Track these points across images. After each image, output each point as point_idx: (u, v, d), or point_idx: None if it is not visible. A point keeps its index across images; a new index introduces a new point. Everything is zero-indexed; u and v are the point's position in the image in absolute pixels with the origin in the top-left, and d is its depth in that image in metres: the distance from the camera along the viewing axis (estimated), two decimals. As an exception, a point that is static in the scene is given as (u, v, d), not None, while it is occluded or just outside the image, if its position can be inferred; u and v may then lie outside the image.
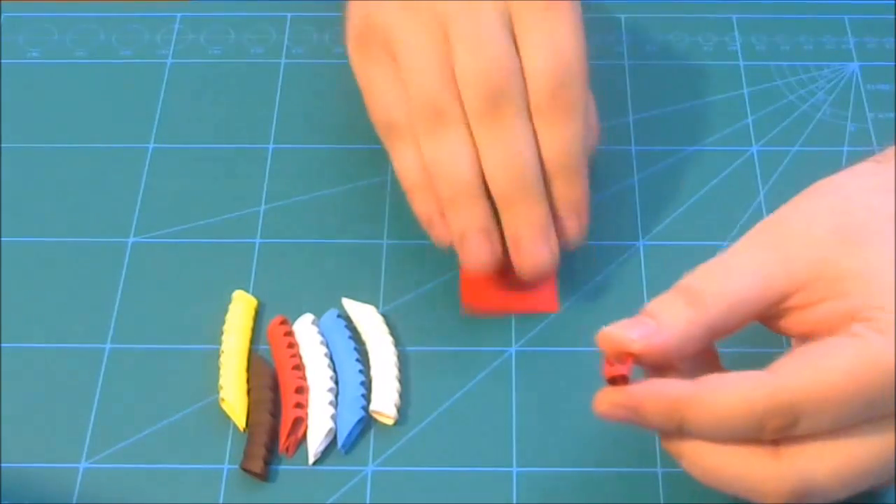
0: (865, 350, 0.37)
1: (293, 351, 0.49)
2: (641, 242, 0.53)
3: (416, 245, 0.52)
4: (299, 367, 0.48)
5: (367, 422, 0.47)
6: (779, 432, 0.38)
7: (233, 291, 0.51)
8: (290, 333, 0.49)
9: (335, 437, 0.47)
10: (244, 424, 0.47)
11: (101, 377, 0.49)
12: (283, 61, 0.60)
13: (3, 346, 0.50)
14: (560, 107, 0.46)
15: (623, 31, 0.61)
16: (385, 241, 0.53)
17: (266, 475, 0.46)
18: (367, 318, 0.50)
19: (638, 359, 0.39)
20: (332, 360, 0.49)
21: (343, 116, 0.57)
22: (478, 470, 0.46)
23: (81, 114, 0.58)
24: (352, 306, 0.50)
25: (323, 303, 0.51)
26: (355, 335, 0.50)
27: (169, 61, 0.60)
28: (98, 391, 0.48)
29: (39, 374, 0.49)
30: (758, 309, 0.40)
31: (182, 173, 0.55)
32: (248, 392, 0.48)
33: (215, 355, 0.49)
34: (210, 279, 0.52)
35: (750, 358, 0.41)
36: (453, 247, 0.48)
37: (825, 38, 0.60)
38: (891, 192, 0.41)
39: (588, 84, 0.48)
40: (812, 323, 0.39)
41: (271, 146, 0.56)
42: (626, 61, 0.59)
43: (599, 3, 0.62)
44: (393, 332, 0.50)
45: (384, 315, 0.50)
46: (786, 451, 0.38)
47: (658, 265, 0.52)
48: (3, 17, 0.62)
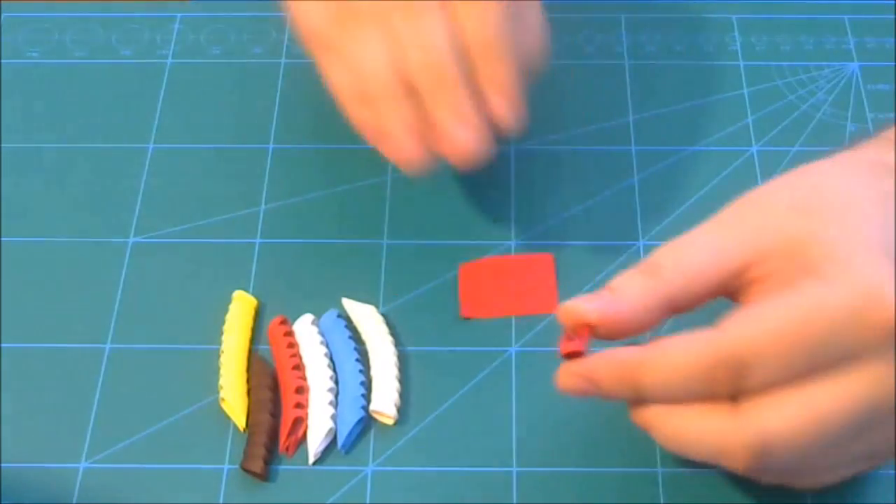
0: (806, 298, 0.38)
1: (293, 351, 0.49)
2: (641, 242, 0.53)
3: (416, 245, 0.52)
4: (299, 367, 0.48)
5: (367, 422, 0.47)
6: (730, 385, 0.38)
7: (233, 291, 0.51)
8: (290, 333, 0.49)
9: (335, 437, 0.47)
10: (244, 424, 0.47)
11: (101, 377, 0.49)
12: (283, 61, 0.60)
13: (3, 346, 0.50)
14: None
15: (623, 31, 0.61)
16: (385, 241, 0.53)
17: (266, 475, 0.46)
18: (367, 318, 0.50)
19: (595, 332, 0.40)
20: (332, 360, 0.49)
21: (342, 116, 0.57)
22: (478, 470, 0.46)
23: (81, 114, 0.58)
24: (352, 306, 0.50)
25: (323, 303, 0.51)
26: (355, 335, 0.50)
27: (169, 61, 0.60)
28: (98, 391, 0.49)
29: (39, 374, 0.49)
30: (717, 281, 0.40)
31: (182, 173, 0.55)
32: (248, 392, 0.48)
33: (215, 355, 0.49)
34: (210, 279, 0.52)
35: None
36: (403, 155, 0.47)
37: (825, 38, 0.60)
38: (859, 174, 0.41)
39: None
40: (772, 294, 0.40)
41: (271, 146, 0.56)
42: (626, 61, 0.59)
43: (599, 3, 0.62)
44: (393, 332, 0.50)
45: (384, 315, 0.50)
46: (743, 406, 0.39)
47: (658, 265, 0.52)
48: (3, 17, 0.62)
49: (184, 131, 0.57)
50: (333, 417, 0.47)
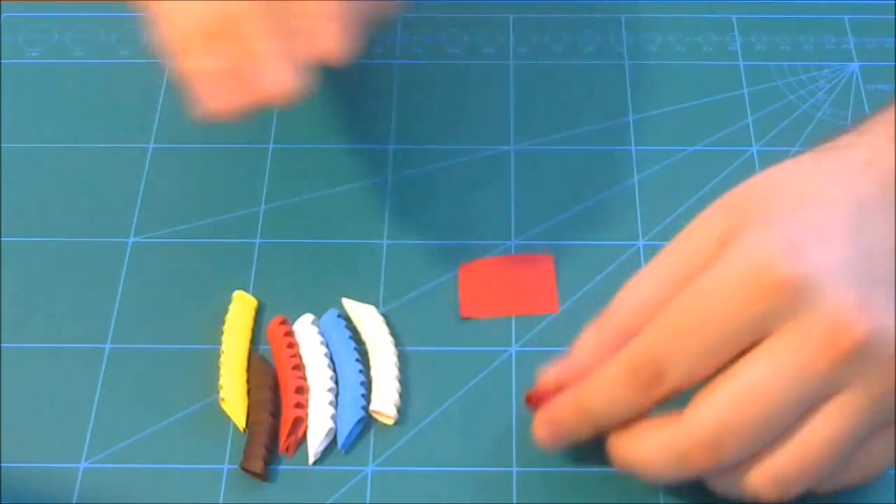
0: (695, 285, 0.39)
1: (293, 351, 0.49)
2: (641, 242, 0.53)
3: (416, 245, 0.52)
4: (299, 367, 0.48)
5: (367, 422, 0.47)
6: (656, 384, 0.39)
7: (233, 291, 0.51)
8: (290, 333, 0.49)
9: (335, 437, 0.47)
10: (244, 424, 0.47)
11: (101, 377, 0.49)
12: (283, 61, 0.60)
13: (3, 346, 0.50)
14: None
15: (623, 31, 0.61)
16: (385, 241, 0.53)
17: (266, 475, 0.46)
18: (367, 318, 0.50)
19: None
20: (332, 360, 0.49)
21: (343, 116, 0.57)
22: (478, 470, 0.46)
23: (81, 114, 0.58)
24: (352, 306, 0.50)
25: (323, 303, 0.51)
26: (355, 335, 0.50)
27: (169, 61, 0.60)
28: (98, 391, 0.48)
29: (39, 374, 0.49)
30: (665, 298, 0.41)
31: (182, 173, 0.55)
32: (248, 392, 0.48)
33: (215, 355, 0.49)
34: (210, 279, 0.52)
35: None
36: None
37: (825, 38, 0.60)
38: (804, 163, 0.43)
39: None
40: None
41: (271, 146, 0.56)
42: (626, 61, 0.59)
43: (599, 3, 0.62)
44: (393, 332, 0.50)
45: (384, 315, 0.50)
46: (689, 409, 0.40)
47: (658, 265, 0.52)
48: (3, 17, 0.62)
49: (184, 131, 0.57)
50: (333, 417, 0.47)
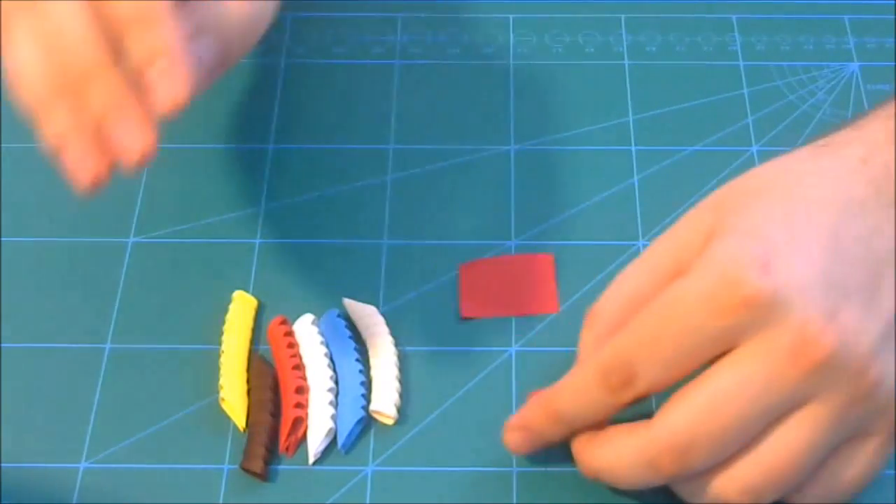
0: (668, 293, 0.39)
1: (293, 351, 0.49)
2: (641, 242, 0.53)
3: (416, 245, 0.52)
4: (299, 367, 0.48)
5: (367, 422, 0.47)
6: (625, 387, 0.40)
7: (233, 291, 0.51)
8: (290, 333, 0.49)
9: (335, 437, 0.47)
10: (244, 424, 0.47)
11: (101, 377, 0.49)
12: (283, 61, 0.60)
13: (3, 346, 0.50)
14: None
15: (623, 31, 0.61)
16: (385, 241, 0.53)
17: (266, 475, 0.46)
18: (367, 318, 0.50)
19: None
20: (332, 360, 0.49)
21: (343, 116, 0.57)
22: (478, 470, 0.46)
23: (81, 114, 0.58)
24: (352, 306, 0.50)
25: (323, 303, 0.51)
26: (355, 335, 0.50)
27: (169, 61, 0.60)
28: (98, 391, 0.48)
29: (39, 374, 0.49)
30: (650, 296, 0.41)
31: (182, 173, 0.55)
32: (248, 392, 0.48)
33: (215, 355, 0.49)
34: (210, 279, 0.52)
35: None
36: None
37: (825, 38, 0.60)
38: (799, 160, 0.42)
39: None
40: None
41: (271, 146, 0.56)
42: (626, 61, 0.59)
43: (599, 3, 0.62)
44: (393, 332, 0.50)
45: (384, 315, 0.50)
46: (658, 415, 0.40)
47: (658, 265, 0.52)
48: (3, 17, 0.62)
49: (185, 131, 0.57)
50: (333, 417, 0.47)
